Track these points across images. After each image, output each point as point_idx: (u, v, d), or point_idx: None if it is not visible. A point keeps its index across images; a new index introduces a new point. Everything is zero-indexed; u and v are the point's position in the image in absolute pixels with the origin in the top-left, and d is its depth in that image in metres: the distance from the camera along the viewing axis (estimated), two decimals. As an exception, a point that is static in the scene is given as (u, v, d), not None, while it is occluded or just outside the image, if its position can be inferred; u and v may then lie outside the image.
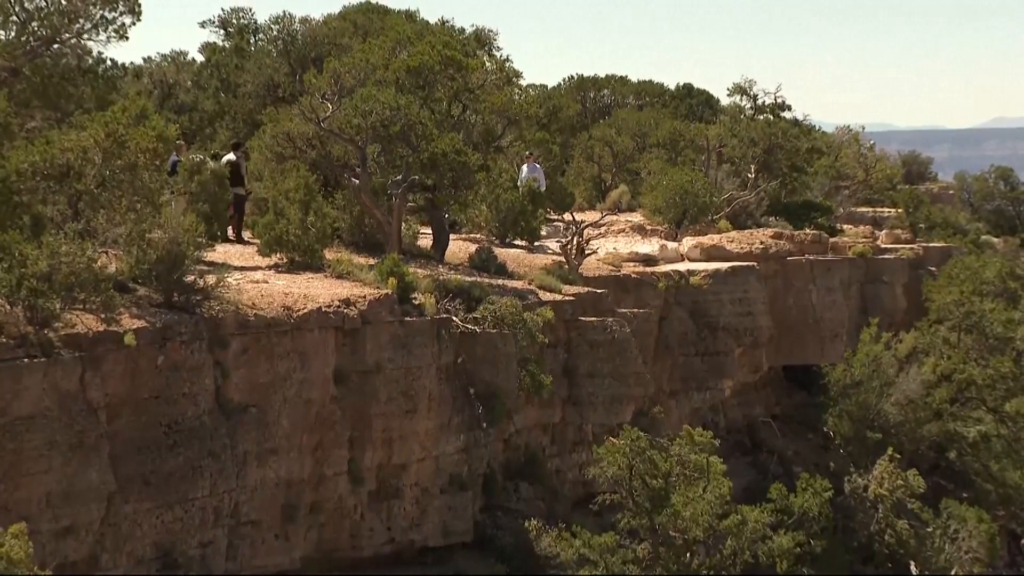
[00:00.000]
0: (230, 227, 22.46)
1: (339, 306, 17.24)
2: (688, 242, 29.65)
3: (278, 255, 19.55)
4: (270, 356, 16.27)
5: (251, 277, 18.08)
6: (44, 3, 18.88)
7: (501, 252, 24.15)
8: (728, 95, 46.06)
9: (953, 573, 26.56)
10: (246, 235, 22.02)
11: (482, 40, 32.50)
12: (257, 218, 20.83)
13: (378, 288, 18.25)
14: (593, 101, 48.77)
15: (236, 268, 18.43)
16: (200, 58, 35.80)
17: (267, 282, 17.86)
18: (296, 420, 16.57)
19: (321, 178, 22.16)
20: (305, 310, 16.78)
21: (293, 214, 19.37)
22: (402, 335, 17.95)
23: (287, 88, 30.27)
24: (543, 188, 28.34)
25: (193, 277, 15.78)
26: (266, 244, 19.47)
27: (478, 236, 26.57)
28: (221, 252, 19.74)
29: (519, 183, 26.97)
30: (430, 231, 23.45)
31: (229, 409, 15.76)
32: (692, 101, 50.47)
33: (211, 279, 15.98)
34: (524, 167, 28.17)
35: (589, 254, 24.38)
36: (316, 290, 17.73)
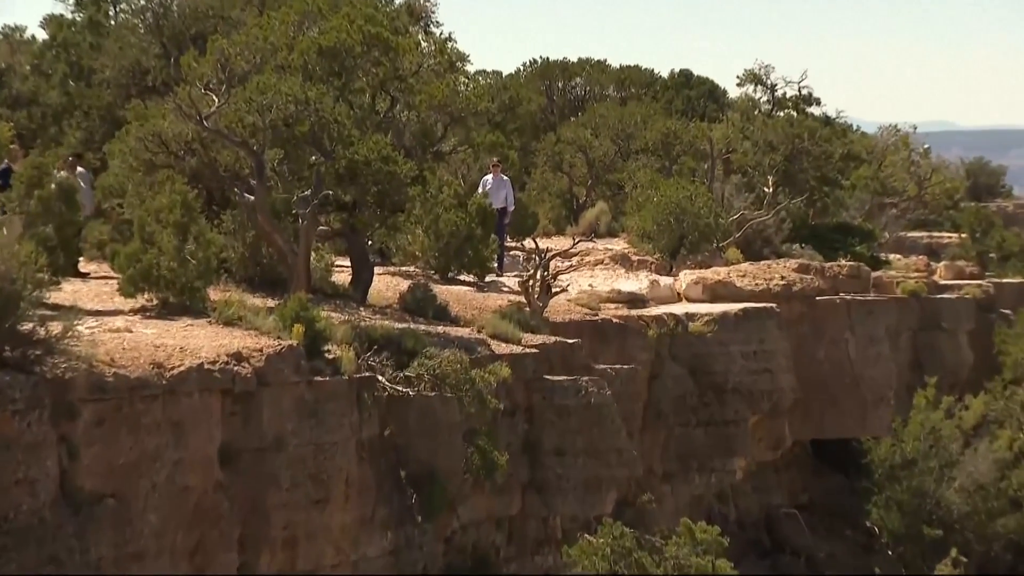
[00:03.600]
0: (81, 258, 22.42)
1: (227, 362, 17.18)
2: (687, 277, 29.97)
3: (146, 295, 19.50)
4: (134, 429, 16.12)
5: (110, 324, 17.96)
6: None
7: (442, 290, 24.24)
8: (738, 85, 46.95)
9: None
10: (87, 268, 22.02)
11: (416, 13, 32.88)
12: (118, 247, 20.77)
13: (279, 339, 18.21)
14: (562, 93, 49.48)
15: (90, 313, 18.32)
16: (43, 35, 35.85)
17: (131, 331, 17.77)
18: (168, 514, 16.41)
19: (204, 193, 22.20)
20: (182, 368, 16.72)
21: (166, 241, 19.33)
22: (311, 400, 17.91)
23: (158, 75, 30.30)
24: (512, 207, 28.76)
25: (31, 325, 15.56)
26: (130, 281, 19.39)
27: (412, 269, 26.69)
28: (69, 292, 19.61)
29: (482, 193, 27.55)
30: (348, 263, 23.55)
31: (79, 500, 15.56)
32: (691, 92, 51.25)
33: (56, 328, 15.76)
34: (488, 178, 28.65)
35: (557, 292, 24.61)
36: (197, 341, 17.68)
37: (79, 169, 24.37)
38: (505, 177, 29.06)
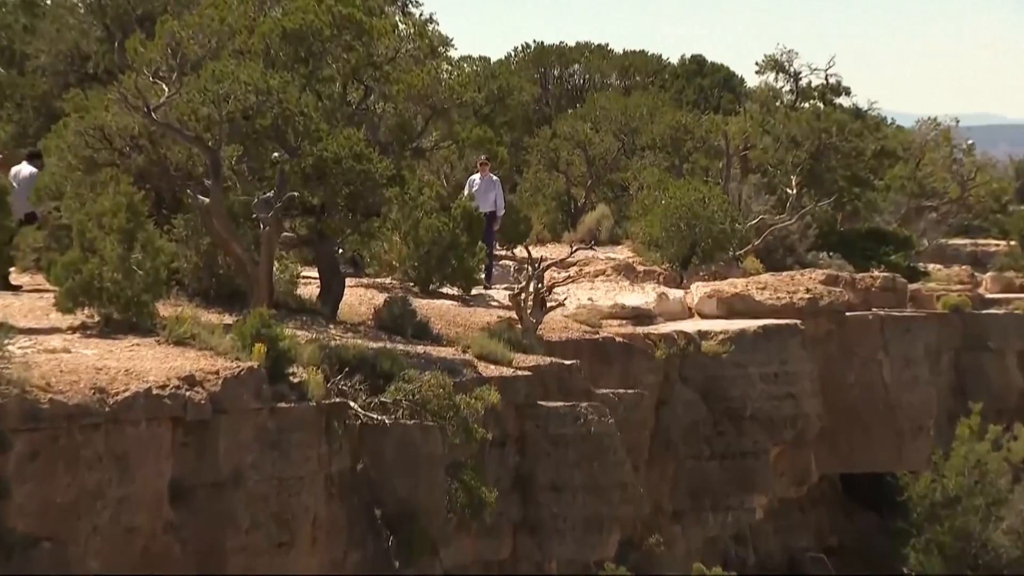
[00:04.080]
0: (13, 268, 22.41)
1: (178, 387, 17.12)
2: (699, 290, 29.99)
3: (86, 311, 19.42)
4: (73, 463, 16.04)
5: (45, 344, 17.90)
6: None
7: (423, 305, 24.27)
8: (757, 72, 47.05)
9: None
10: (19, 279, 22.06)
11: (394, -9, 32.91)
12: (54, 256, 20.67)
13: (237, 360, 18.15)
14: (558, 81, 49.58)
15: (22, 331, 18.22)
16: (-32, 16, 35.66)
17: (69, 352, 17.70)
18: (112, 559, 16.30)
19: (152, 195, 22.18)
20: (127, 393, 16.65)
21: (109, 250, 19.24)
22: (273, 430, 17.85)
23: (100, 61, 30.28)
24: (502, 211, 28.90)
25: (-44, 344, 15.59)
26: (68, 295, 19.28)
27: (388, 281, 26.74)
28: (-1, 306, 19.51)
29: (469, 194, 27.70)
30: (316, 274, 23.60)
31: (10, 544, 15.45)
32: (704, 81, 51.44)
33: (-16, 347, 15.79)
34: (476, 178, 28.76)
35: (553, 307, 24.67)
36: (144, 363, 17.61)
37: (30, 169, 24.34)
38: (494, 177, 29.17)
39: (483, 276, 28.39)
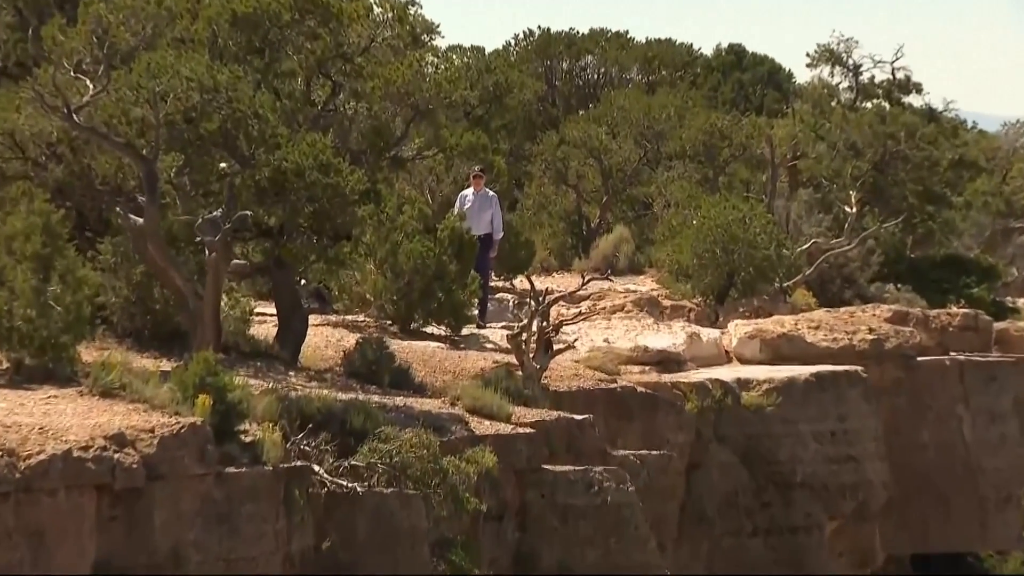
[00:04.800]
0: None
1: (105, 448, 16.91)
2: (739, 329, 29.90)
3: (-7, 355, 19.28)
4: (-23, 540, 16.03)
5: (-57, 395, 17.80)
6: None
7: (402, 347, 24.15)
8: (809, 65, 47.19)
9: None
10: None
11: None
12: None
13: (177, 415, 17.94)
14: (567, 77, 49.61)
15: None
16: None
17: (-29, 405, 17.59)
18: (24, 659, 16.26)
19: (74, 214, 22.11)
20: (42, 456, 16.43)
21: (21, 280, 19.11)
22: (221, 499, 17.70)
23: (12, 52, 30.26)
24: (499, 234, 29.08)
25: None
26: (-30, 336, 19.22)
27: (362, 319, 26.69)
28: None
29: (459, 213, 27.71)
30: (273, 310, 23.50)
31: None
32: (744, 76, 51.51)
33: None
34: (468, 193, 28.85)
35: (561, 350, 24.58)
36: (63, 419, 17.44)
37: None
38: (490, 192, 29.19)
39: (476, 312, 28.21)
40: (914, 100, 46.65)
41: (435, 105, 24.10)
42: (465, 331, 27.20)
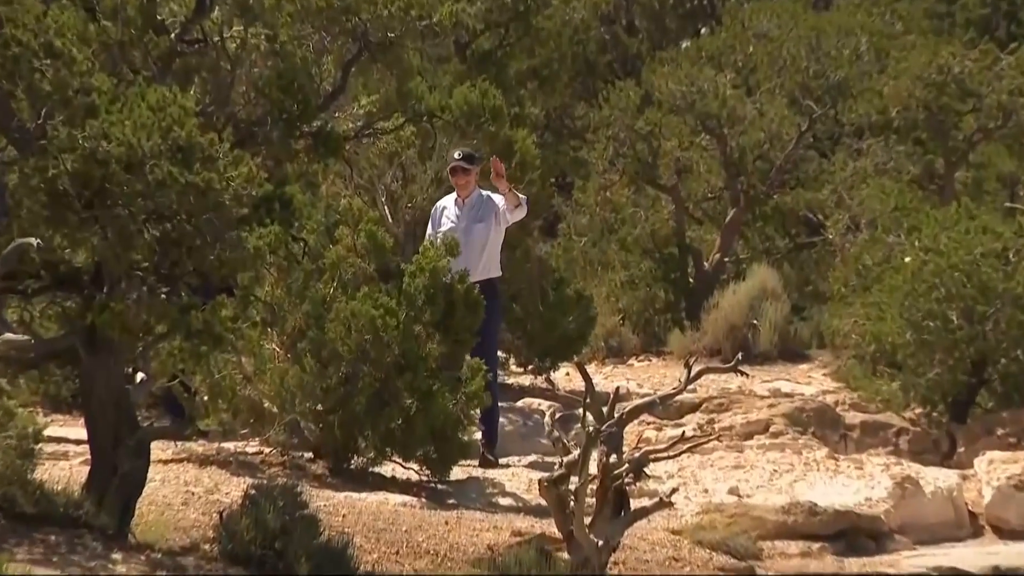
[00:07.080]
0: None
1: None
2: (996, 470, 22.00)
3: None
4: None
5: None
6: None
7: (335, 504, 17.30)
8: None
9: None
10: None
11: None
12: None
13: None
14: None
15: None
16: None
17: None
18: None
19: None
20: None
21: None
22: None
23: None
24: (494, 277, 20.06)
25: None
26: None
27: (255, 449, 19.33)
28: None
29: (432, 239, 19.65)
30: (82, 433, 17.84)
31: None
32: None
33: None
34: (447, 202, 20.09)
35: (647, 511, 16.63)
36: None
37: None
38: (491, 198, 20.02)
39: (479, 435, 19.96)
40: None
41: (399, 31, 17.87)
42: (458, 472, 19.08)
